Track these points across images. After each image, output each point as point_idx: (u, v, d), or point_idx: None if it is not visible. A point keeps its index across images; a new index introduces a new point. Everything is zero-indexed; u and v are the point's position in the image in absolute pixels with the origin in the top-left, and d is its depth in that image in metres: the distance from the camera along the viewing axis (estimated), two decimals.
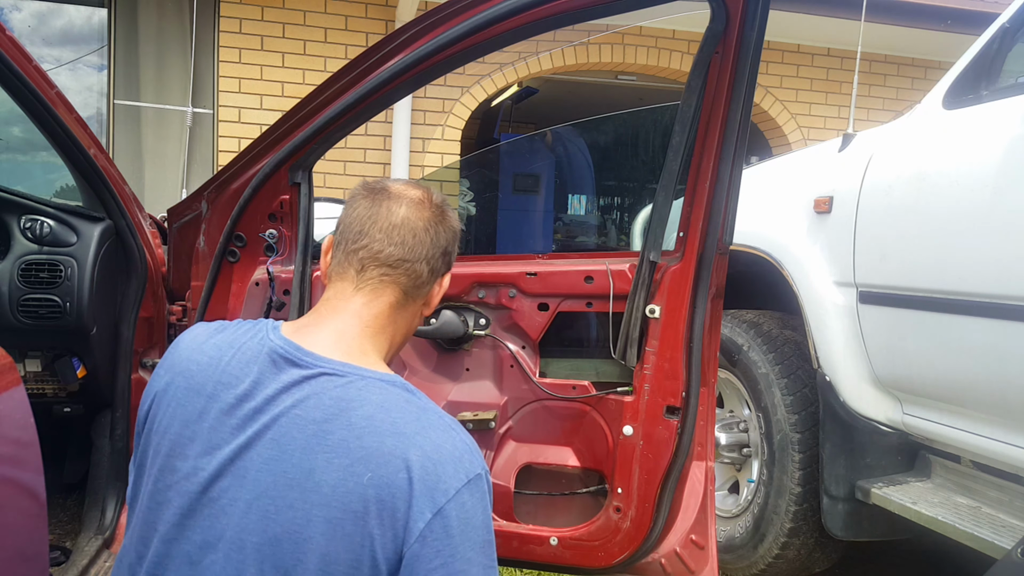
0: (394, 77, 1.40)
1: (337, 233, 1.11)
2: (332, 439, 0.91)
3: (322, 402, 0.94)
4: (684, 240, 1.48)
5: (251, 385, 0.97)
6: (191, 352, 1.04)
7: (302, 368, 0.97)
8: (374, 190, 1.11)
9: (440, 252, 1.11)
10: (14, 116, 4.88)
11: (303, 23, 5.41)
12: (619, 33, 5.79)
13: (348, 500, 0.89)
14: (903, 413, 2.13)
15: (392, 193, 1.10)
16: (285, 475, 0.91)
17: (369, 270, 1.07)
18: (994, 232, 1.79)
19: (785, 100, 6.35)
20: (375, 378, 0.98)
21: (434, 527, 0.88)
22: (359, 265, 1.07)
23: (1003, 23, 1.99)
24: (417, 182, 1.16)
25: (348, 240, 1.08)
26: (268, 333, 1.03)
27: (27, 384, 1.92)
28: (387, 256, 1.07)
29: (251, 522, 0.91)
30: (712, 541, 1.52)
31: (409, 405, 0.97)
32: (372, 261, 1.07)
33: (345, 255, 1.08)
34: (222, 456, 0.94)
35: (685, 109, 1.41)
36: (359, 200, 1.10)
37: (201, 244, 1.73)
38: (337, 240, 1.11)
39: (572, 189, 11.67)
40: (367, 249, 1.07)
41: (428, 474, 0.90)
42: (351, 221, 1.09)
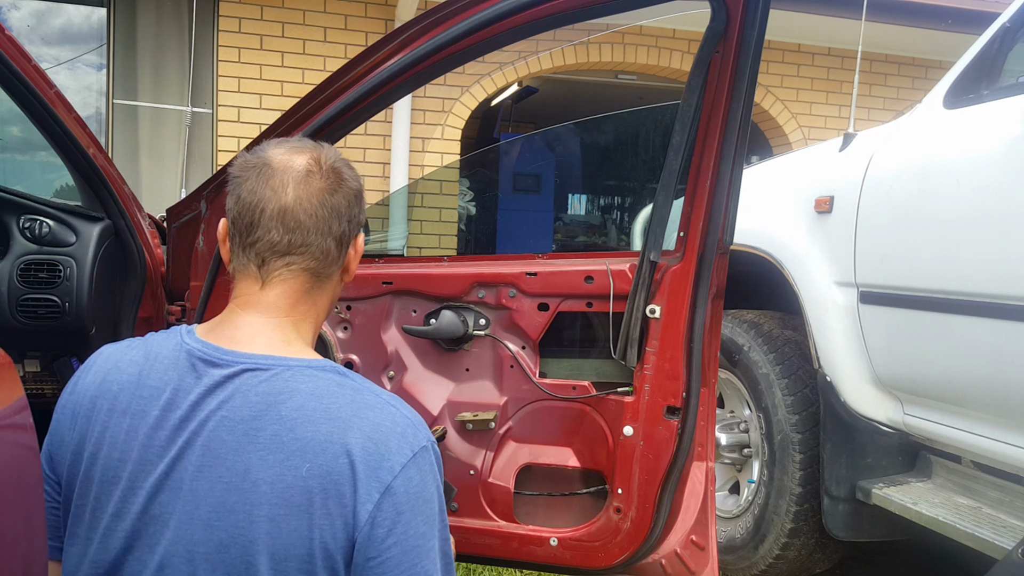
0: (394, 76, 1.40)
1: (228, 224, 1.03)
2: (264, 436, 0.88)
3: (248, 399, 0.91)
4: (684, 240, 1.48)
5: (172, 393, 0.93)
6: (108, 372, 0.98)
7: (222, 367, 0.93)
8: (255, 167, 0.99)
9: (344, 220, 1.01)
10: (13, 116, 4.88)
11: (302, 22, 5.41)
12: (619, 32, 5.79)
13: (289, 495, 0.86)
14: (904, 413, 2.12)
15: (275, 167, 0.99)
16: (221, 480, 0.88)
17: (271, 262, 0.99)
18: (995, 232, 1.79)
19: (786, 99, 6.35)
20: (302, 366, 0.94)
21: (383, 507, 0.87)
22: (258, 260, 0.99)
23: (1004, 22, 1.99)
24: (300, 143, 1.04)
25: (241, 233, 0.99)
26: (183, 337, 0.98)
27: (26, 384, 1.91)
28: (286, 245, 0.98)
29: (196, 533, 0.88)
30: (713, 542, 1.52)
31: (342, 388, 0.93)
32: (272, 254, 0.98)
33: (242, 249, 1.00)
34: (157, 472, 0.90)
35: (685, 109, 1.41)
36: (242, 183, 0.99)
37: (200, 244, 1.72)
38: (231, 232, 1.02)
39: (572, 189, 11.67)
40: (263, 242, 0.98)
41: (370, 455, 0.88)
42: (240, 210, 0.99)
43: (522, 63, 5.79)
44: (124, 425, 0.93)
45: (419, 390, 1.64)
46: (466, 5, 1.35)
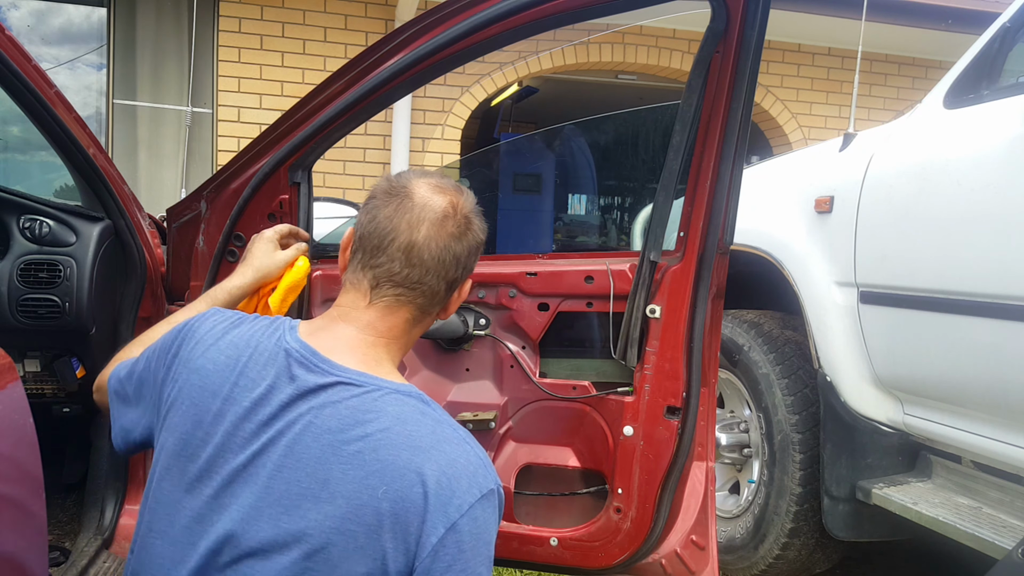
0: (394, 76, 1.40)
1: (355, 237, 1.07)
2: (348, 450, 0.91)
3: (338, 412, 0.93)
4: (684, 240, 1.48)
5: (267, 390, 0.96)
6: (207, 348, 1.02)
7: (317, 375, 0.96)
8: (398, 195, 1.04)
9: (461, 267, 1.06)
10: (13, 116, 4.88)
11: (303, 22, 5.41)
12: (619, 32, 5.79)
13: (362, 513, 0.88)
14: (904, 413, 2.12)
15: (415, 202, 1.03)
16: (299, 483, 0.90)
17: (384, 287, 1.03)
18: (995, 232, 1.78)
19: (786, 99, 6.35)
20: (391, 389, 0.97)
21: (447, 542, 0.88)
22: (374, 281, 1.03)
23: (1004, 23, 1.99)
24: (444, 182, 1.08)
25: (366, 252, 1.04)
26: (285, 334, 1.01)
27: (26, 384, 1.91)
28: (404, 278, 1.03)
29: (257, 528, 0.90)
30: (713, 542, 1.52)
31: (425, 418, 0.96)
32: (388, 281, 1.03)
33: (361, 267, 1.04)
34: (236, 462, 0.93)
35: (686, 109, 1.41)
36: (381, 207, 1.04)
37: (200, 244, 1.72)
38: (355, 247, 1.06)
39: (572, 189, 11.67)
40: (383, 268, 1.03)
41: (443, 489, 0.90)
42: (371, 230, 1.04)
43: (522, 63, 5.79)
44: (214, 407, 0.97)
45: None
46: (466, 5, 1.34)
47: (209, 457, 0.95)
